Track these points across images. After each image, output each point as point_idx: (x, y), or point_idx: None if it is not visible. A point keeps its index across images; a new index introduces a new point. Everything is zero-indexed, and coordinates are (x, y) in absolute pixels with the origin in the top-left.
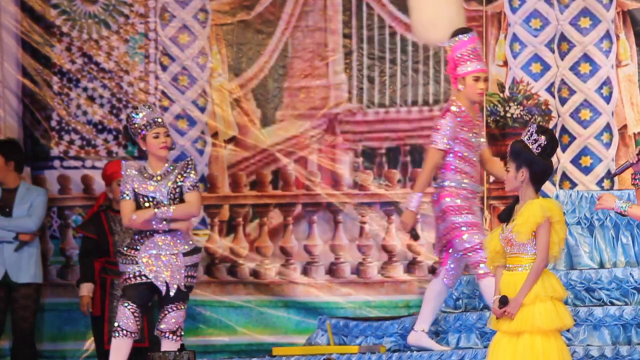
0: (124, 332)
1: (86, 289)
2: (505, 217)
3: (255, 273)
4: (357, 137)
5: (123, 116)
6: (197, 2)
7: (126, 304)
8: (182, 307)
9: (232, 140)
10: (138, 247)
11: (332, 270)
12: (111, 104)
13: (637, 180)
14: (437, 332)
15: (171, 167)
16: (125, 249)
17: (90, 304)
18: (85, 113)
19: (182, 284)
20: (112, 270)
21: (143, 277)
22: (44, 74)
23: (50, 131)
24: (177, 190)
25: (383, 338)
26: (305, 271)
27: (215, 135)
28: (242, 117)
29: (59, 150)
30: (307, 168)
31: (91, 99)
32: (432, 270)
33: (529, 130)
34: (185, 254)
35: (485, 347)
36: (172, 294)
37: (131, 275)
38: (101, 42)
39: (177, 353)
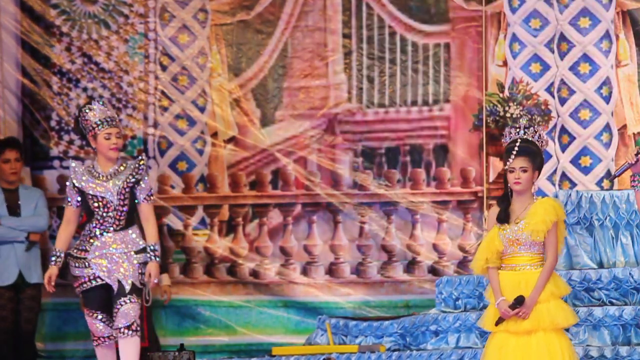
0: (101, 339)
1: (165, 279)
2: (505, 217)
3: (254, 273)
4: (357, 137)
5: (123, 116)
6: (197, 2)
7: (90, 313)
8: (136, 300)
9: (231, 140)
10: (87, 248)
11: (332, 270)
12: (111, 104)
13: (636, 182)
14: (436, 332)
15: (122, 167)
16: (75, 251)
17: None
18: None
19: (137, 280)
20: None
21: (98, 280)
22: (43, 74)
23: (49, 131)
24: (127, 190)
25: (383, 338)
26: (305, 271)
27: (214, 135)
28: (241, 117)
29: (58, 150)
30: (306, 168)
31: (91, 98)
32: (432, 271)
33: (535, 131)
34: (136, 252)
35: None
36: (127, 288)
37: (86, 279)
38: (101, 42)
39: (177, 353)
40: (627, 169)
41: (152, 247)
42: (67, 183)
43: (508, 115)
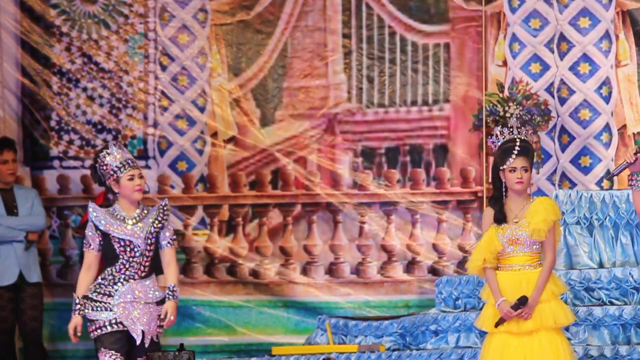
0: None
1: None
2: (503, 217)
3: (254, 273)
4: (357, 137)
5: (122, 116)
6: (197, 2)
7: (109, 354)
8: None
9: (231, 140)
10: (112, 294)
11: (332, 270)
12: (111, 104)
13: (634, 181)
14: (436, 332)
15: (145, 210)
16: (94, 294)
17: None
18: (84, 113)
19: (155, 334)
20: None
21: (120, 325)
22: (43, 74)
23: (49, 131)
24: (154, 235)
25: (382, 337)
26: (305, 271)
27: (214, 135)
28: (241, 117)
29: (58, 150)
30: (306, 168)
31: (91, 98)
32: (432, 271)
33: (526, 130)
34: (157, 303)
35: None
36: (146, 344)
37: (106, 324)
38: (101, 42)
39: (177, 353)
40: (625, 167)
41: (172, 287)
42: (88, 226)
43: (508, 115)
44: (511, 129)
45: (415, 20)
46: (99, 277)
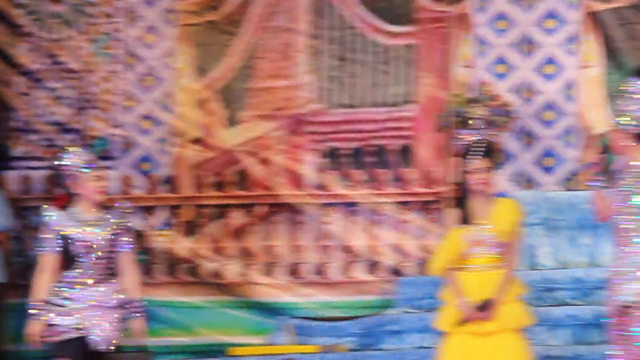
0: None
1: None
2: (467, 219)
3: (216, 273)
4: (322, 138)
5: (88, 116)
6: (164, 3)
7: None
8: None
9: (197, 140)
10: (72, 298)
11: (294, 271)
12: (76, 105)
13: (594, 181)
14: (398, 332)
15: (105, 213)
16: (53, 298)
17: None
18: (49, 113)
19: (117, 338)
20: None
21: (80, 331)
22: (8, 73)
23: (13, 131)
24: (115, 237)
25: (344, 338)
26: (267, 272)
27: (180, 135)
28: (207, 118)
29: (21, 150)
30: (271, 169)
31: (56, 99)
32: (394, 271)
33: (490, 131)
34: (118, 307)
35: None
36: (110, 348)
37: (68, 329)
38: (67, 42)
39: (137, 354)
40: (587, 167)
41: (137, 302)
42: (44, 229)
43: (473, 116)
44: (474, 131)
45: (382, 21)
46: (59, 281)
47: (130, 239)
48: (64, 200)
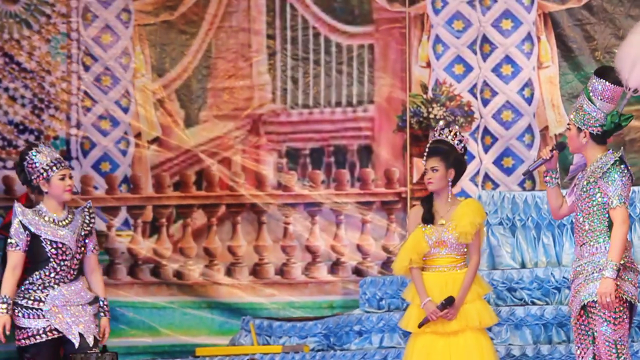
0: None
1: None
2: (430, 218)
3: (178, 274)
4: (281, 138)
5: (45, 116)
6: (120, 2)
7: None
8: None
9: (155, 140)
10: (43, 299)
11: (256, 271)
12: (33, 105)
13: (549, 178)
14: (360, 332)
15: (71, 213)
16: (23, 300)
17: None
18: (6, 113)
19: (96, 333)
20: None
21: (54, 332)
22: None
23: None
24: (83, 237)
25: (307, 338)
26: (229, 272)
27: (138, 135)
28: (165, 118)
29: None
30: (231, 169)
31: (12, 99)
32: (356, 271)
33: (450, 130)
34: (89, 303)
35: None
36: (90, 342)
37: (40, 332)
38: (22, 42)
39: (99, 354)
40: (541, 164)
41: (103, 302)
42: (14, 225)
43: (432, 116)
44: (435, 132)
45: (339, 21)
46: (27, 282)
47: (95, 240)
48: (26, 200)
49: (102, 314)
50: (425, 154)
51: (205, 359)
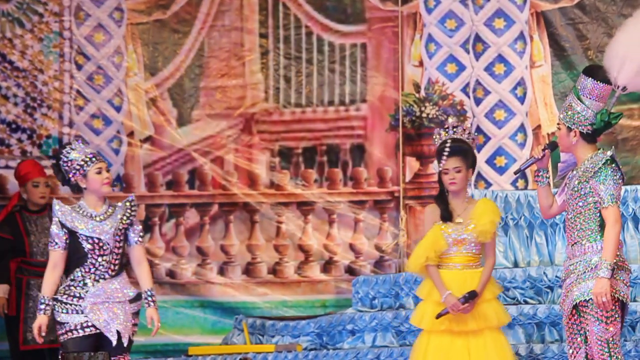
0: None
1: (1, 290)
2: (449, 216)
3: (171, 273)
4: (274, 137)
5: (38, 115)
6: (112, 1)
7: None
8: (129, 359)
9: (148, 139)
10: (82, 296)
11: (249, 270)
12: (25, 103)
13: (540, 177)
14: (353, 331)
15: (112, 207)
16: (64, 296)
17: (6, 305)
18: None
19: (131, 333)
20: (27, 270)
21: (92, 329)
22: None
23: None
24: (122, 232)
25: (299, 337)
26: (222, 271)
27: (131, 134)
28: (158, 117)
29: None
30: (223, 168)
31: (5, 97)
32: (349, 270)
33: (464, 129)
34: (130, 301)
35: (402, 345)
36: (125, 343)
37: (77, 327)
38: (15, 41)
39: (92, 354)
40: (533, 163)
41: (149, 293)
42: (53, 224)
43: (424, 115)
44: (447, 129)
45: (332, 20)
46: (68, 279)
47: (139, 232)
48: (18, 199)
49: (148, 304)
50: (446, 153)
51: (198, 358)
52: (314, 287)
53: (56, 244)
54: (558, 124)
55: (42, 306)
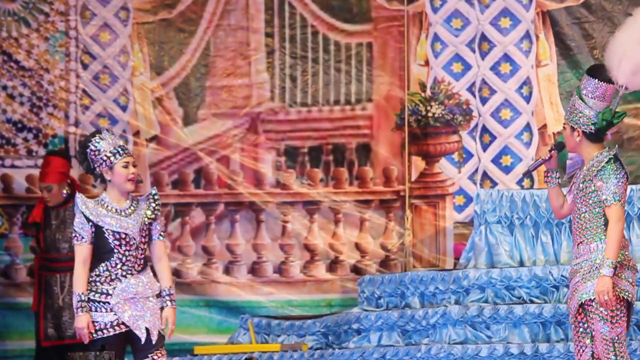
0: None
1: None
2: None
3: (177, 272)
4: (280, 136)
5: (43, 114)
6: (118, 0)
7: None
8: (165, 354)
9: (154, 139)
10: (110, 292)
11: (254, 270)
12: (31, 103)
13: (550, 178)
14: (359, 331)
15: (135, 201)
16: (91, 294)
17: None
18: (4, 111)
19: (162, 327)
20: (45, 267)
21: (122, 326)
22: None
23: None
24: (147, 226)
25: (305, 337)
26: (228, 270)
27: (137, 134)
28: (164, 116)
29: None
30: (229, 167)
31: (11, 97)
32: (354, 270)
33: None
34: (157, 296)
35: (407, 345)
36: (154, 340)
37: (107, 326)
38: (21, 40)
39: (98, 353)
40: (541, 164)
41: (168, 291)
42: (77, 218)
43: (430, 114)
44: None
45: (337, 19)
46: (93, 274)
47: (162, 227)
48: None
49: (166, 303)
50: None
51: (204, 357)
52: (320, 287)
53: (82, 238)
54: (564, 124)
55: (81, 303)
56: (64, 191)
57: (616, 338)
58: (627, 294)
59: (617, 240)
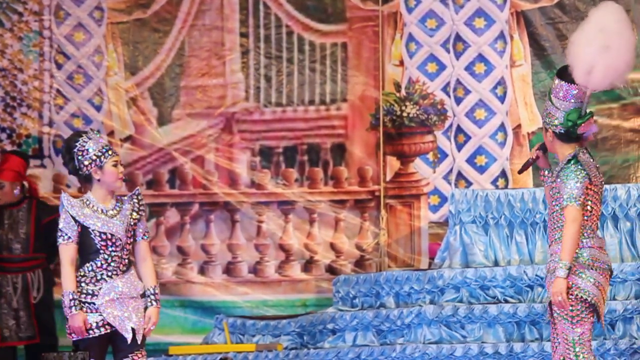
0: None
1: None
2: None
3: None
4: (254, 136)
5: (17, 114)
6: (92, 0)
7: None
8: (145, 354)
9: (128, 139)
10: (95, 293)
11: (229, 270)
12: (5, 102)
13: (544, 177)
14: (334, 331)
15: (120, 201)
16: (79, 295)
17: None
18: None
19: (145, 327)
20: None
21: (107, 327)
22: None
23: None
24: (132, 226)
25: (280, 337)
26: (202, 270)
27: (111, 134)
28: (138, 116)
29: None
30: (204, 167)
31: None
32: (329, 269)
33: None
34: (141, 296)
35: (382, 344)
36: (139, 340)
37: (93, 327)
38: None
39: (72, 353)
40: (530, 164)
41: (152, 291)
42: (62, 217)
43: (405, 114)
44: None
45: (312, 19)
46: (78, 275)
47: (145, 227)
48: None
49: (150, 303)
50: None
51: (179, 357)
52: (295, 287)
53: (69, 237)
54: (542, 124)
55: (74, 302)
56: (16, 190)
57: (577, 339)
58: (587, 294)
59: (571, 242)
